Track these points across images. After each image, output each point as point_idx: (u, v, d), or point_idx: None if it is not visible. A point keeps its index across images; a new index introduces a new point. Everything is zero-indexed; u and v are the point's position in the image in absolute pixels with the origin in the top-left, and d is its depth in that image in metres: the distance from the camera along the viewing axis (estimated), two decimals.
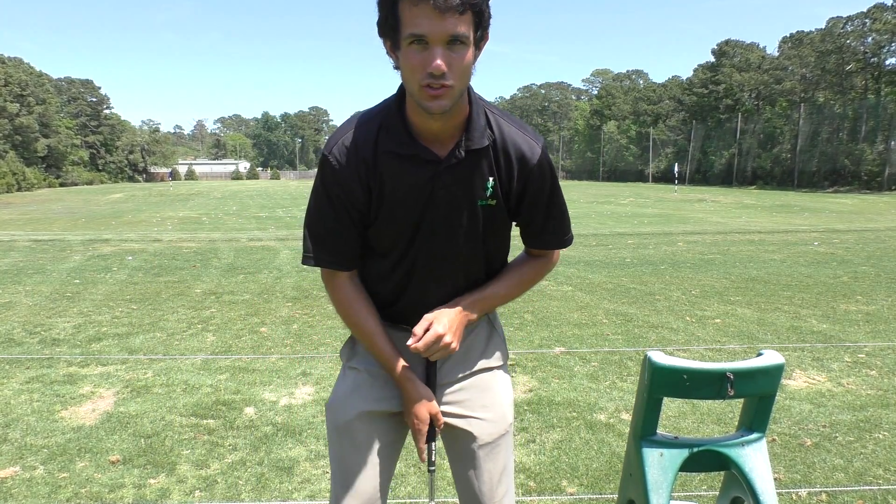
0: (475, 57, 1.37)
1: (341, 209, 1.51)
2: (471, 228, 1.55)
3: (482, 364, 1.71)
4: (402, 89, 1.46)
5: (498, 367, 1.74)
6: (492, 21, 1.39)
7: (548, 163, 1.56)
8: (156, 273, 9.18)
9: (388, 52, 1.39)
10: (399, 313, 1.65)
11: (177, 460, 3.25)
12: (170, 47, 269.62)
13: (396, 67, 1.40)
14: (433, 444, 1.65)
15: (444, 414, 1.66)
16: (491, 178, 1.51)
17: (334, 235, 1.54)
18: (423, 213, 1.51)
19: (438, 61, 1.29)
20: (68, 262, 10.20)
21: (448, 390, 1.67)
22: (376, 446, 1.64)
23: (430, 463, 1.64)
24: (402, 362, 1.59)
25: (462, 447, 1.67)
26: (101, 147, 74.40)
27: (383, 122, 1.47)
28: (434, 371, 1.64)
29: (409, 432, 1.69)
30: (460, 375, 1.69)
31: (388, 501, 2.85)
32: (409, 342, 1.57)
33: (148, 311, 6.69)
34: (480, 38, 1.36)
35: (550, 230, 1.64)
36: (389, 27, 1.34)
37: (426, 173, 1.47)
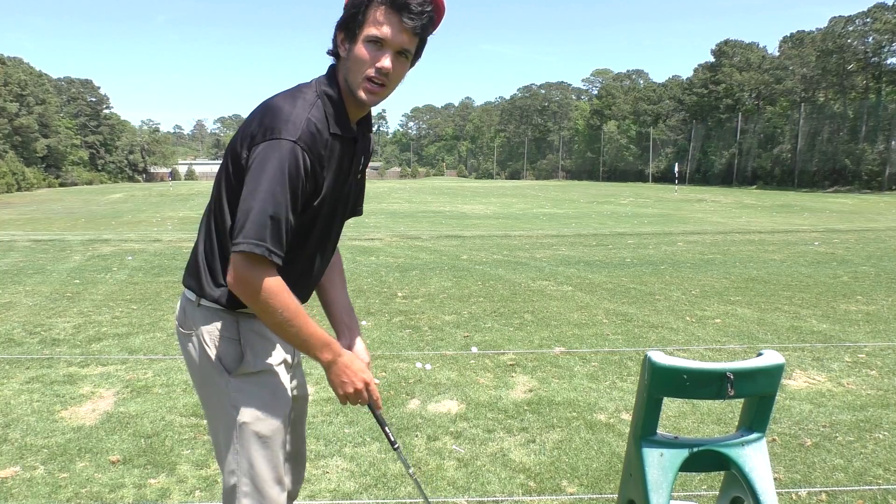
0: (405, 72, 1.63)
1: (298, 199, 1.53)
2: (351, 199, 1.79)
3: None
4: (332, 79, 1.62)
5: None
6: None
7: None
8: (156, 273, 9.18)
9: (337, 43, 1.60)
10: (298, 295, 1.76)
11: (177, 460, 3.25)
12: (170, 47, 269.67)
13: (332, 54, 1.62)
14: (386, 427, 1.82)
15: (302, 385, 1.91)
16: (363, 157, 1.76)
17: (287, 227, 1.52)
18: (341, 190, 1.70)
19: (388, 62, 1.54)
20: (68, 263, 10.21)
21: (298, 370, 1.92)
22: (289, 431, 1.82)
23: (394, 440, 1.80)
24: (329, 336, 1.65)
25: (301, 406, 1.93)
26: (101, 147, 74.28)
27: (326, 107, 1.59)
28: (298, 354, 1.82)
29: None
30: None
31: (388, 501, 2.87)
32: None
33: (148, 311, 6.69)
34: (414, 60, 1.64)
35: (362, 201, 1.90)
36: (356, 23, 1.54)
37: (350, 153, 1.68)
